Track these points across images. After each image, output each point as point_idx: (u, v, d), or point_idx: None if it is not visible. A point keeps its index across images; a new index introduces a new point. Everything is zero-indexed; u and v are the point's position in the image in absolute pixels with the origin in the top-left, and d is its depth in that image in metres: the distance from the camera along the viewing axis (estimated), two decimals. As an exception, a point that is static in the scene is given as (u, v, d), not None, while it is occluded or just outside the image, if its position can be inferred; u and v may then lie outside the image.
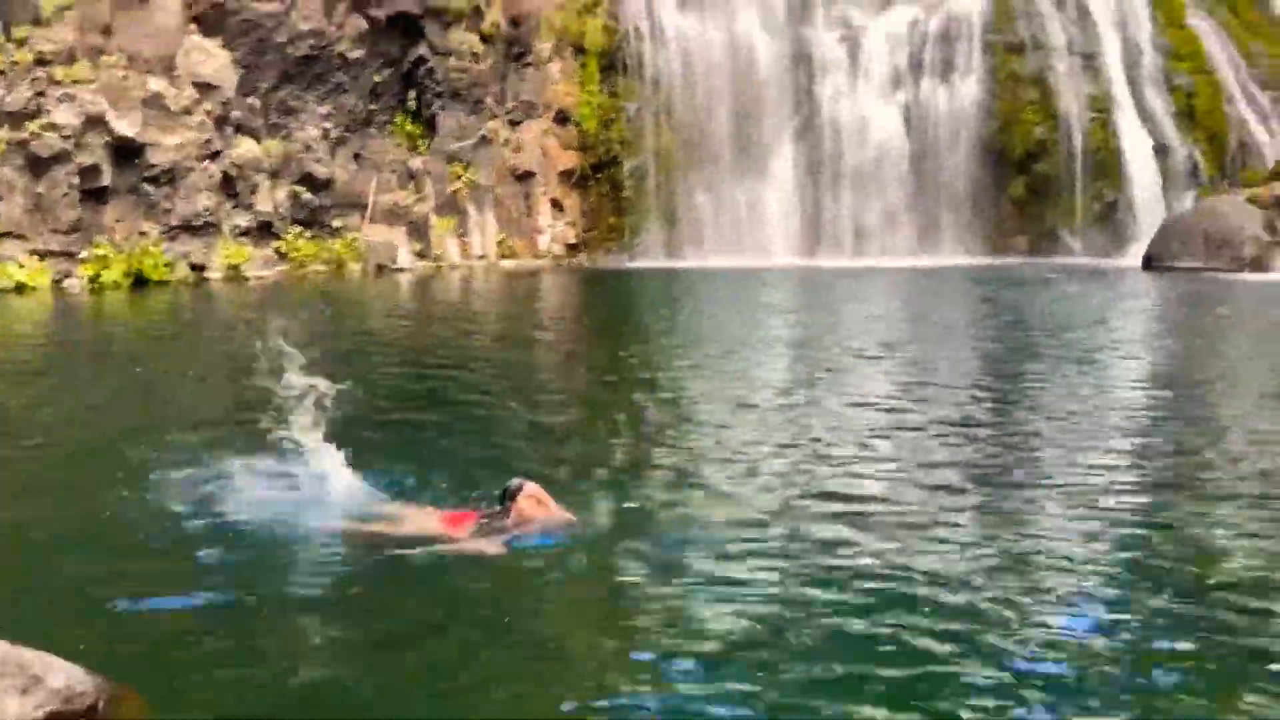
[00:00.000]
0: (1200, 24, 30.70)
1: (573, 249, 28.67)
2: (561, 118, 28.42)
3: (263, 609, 5.08)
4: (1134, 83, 29.66)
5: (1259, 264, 23.58)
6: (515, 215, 28.08)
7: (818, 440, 8.46)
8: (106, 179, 22.03)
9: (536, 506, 6.01)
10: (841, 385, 11.15)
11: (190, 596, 5.11)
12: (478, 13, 27.45)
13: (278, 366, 6.50)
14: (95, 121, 21.76)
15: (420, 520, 6.14)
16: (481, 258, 27.42)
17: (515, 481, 6.17)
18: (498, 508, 6.10)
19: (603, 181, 28.78)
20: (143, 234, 22.44)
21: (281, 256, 24.92)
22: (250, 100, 24.99)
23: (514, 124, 28.21)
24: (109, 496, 6.62)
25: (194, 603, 5.05)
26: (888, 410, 9.69)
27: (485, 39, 27.61)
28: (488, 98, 27.82)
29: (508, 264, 27.41)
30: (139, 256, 21.88)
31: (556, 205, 28.62)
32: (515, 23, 28.10)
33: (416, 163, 27.44)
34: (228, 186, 23.98)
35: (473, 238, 27.44)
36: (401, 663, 4.52)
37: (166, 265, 22.49)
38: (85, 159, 21.73)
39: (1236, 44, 30.68)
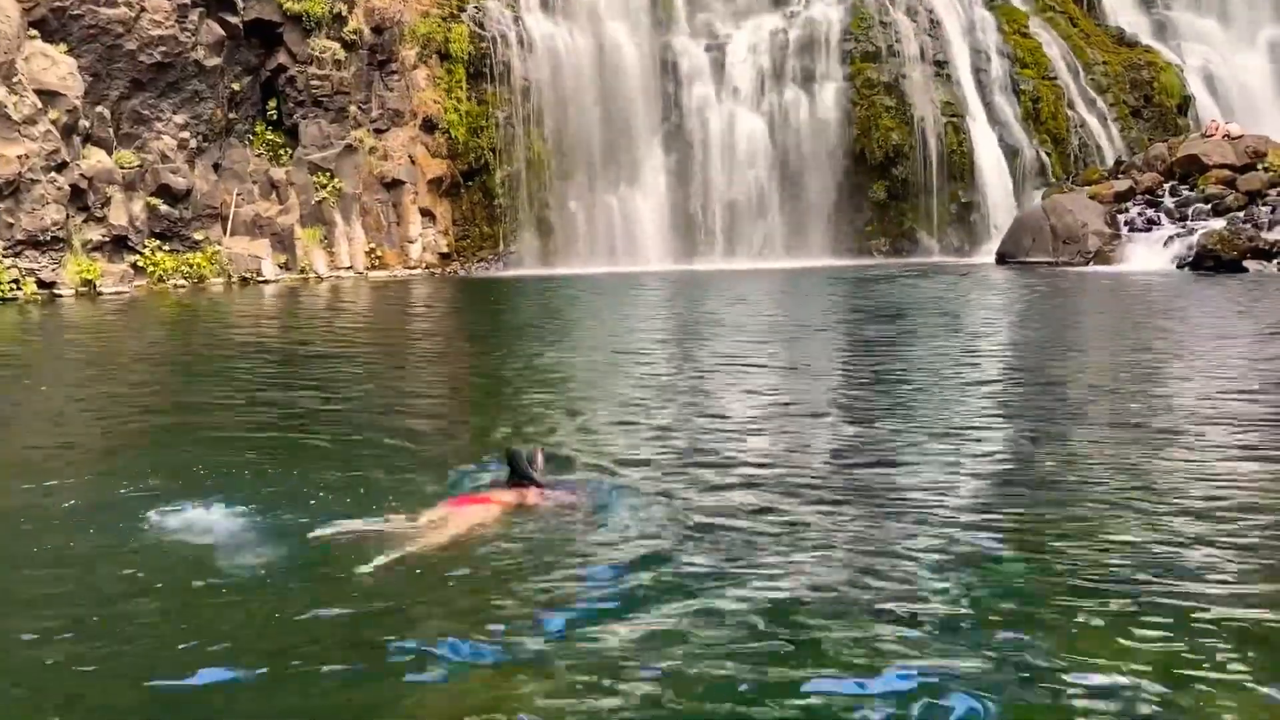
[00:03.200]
0: (1042, 33, 32.38)
1: (445, 258, 28.39)
2: (429, 125, 28.15)
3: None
4: (983, 88, 31.05)
5: (1102, 256, 24.93)
6: (384, 225, 27.65)
7: (700, 432, 8.59)
8: (-59, 192, 20.82)
9: (540, 469, 6.24)
10: (724, 376, 11.34)
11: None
12: (338, 19, 26.98)
13: None
14: (-73, 131, 20.55)
15: (458, 514, 5.86)
16: (349, 268, 26.89)
17: (526, 449, 6.33)
18: (514, 477, 6.13)
19: (474, 190, 28.60)
20: (-17, 250, 21.27)
21: (139, 271, 23.95)
22: (100, 109, 23.99)
23: (380, 132, 27.80)
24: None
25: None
26: (769, 398, 9.92)
27: (347, 46, 27.14)
28: (352, 105, 27.36)
29: (378, 275, 26.95)
30: (-21, 273, 20.75)
31: (427, 214, 28.30)
32: (378, 29, 27.72)
33: (279, 173, 26.77)
34: (78, 199, 22.92)
35: (340, 248, 26.89)
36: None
37: (12, 283, 21.39)
38: (-83, 171, 20.49)
39: (1076, 52, 32.46)
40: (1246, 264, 22.51)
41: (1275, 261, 22.48)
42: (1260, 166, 25.66)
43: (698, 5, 31.25)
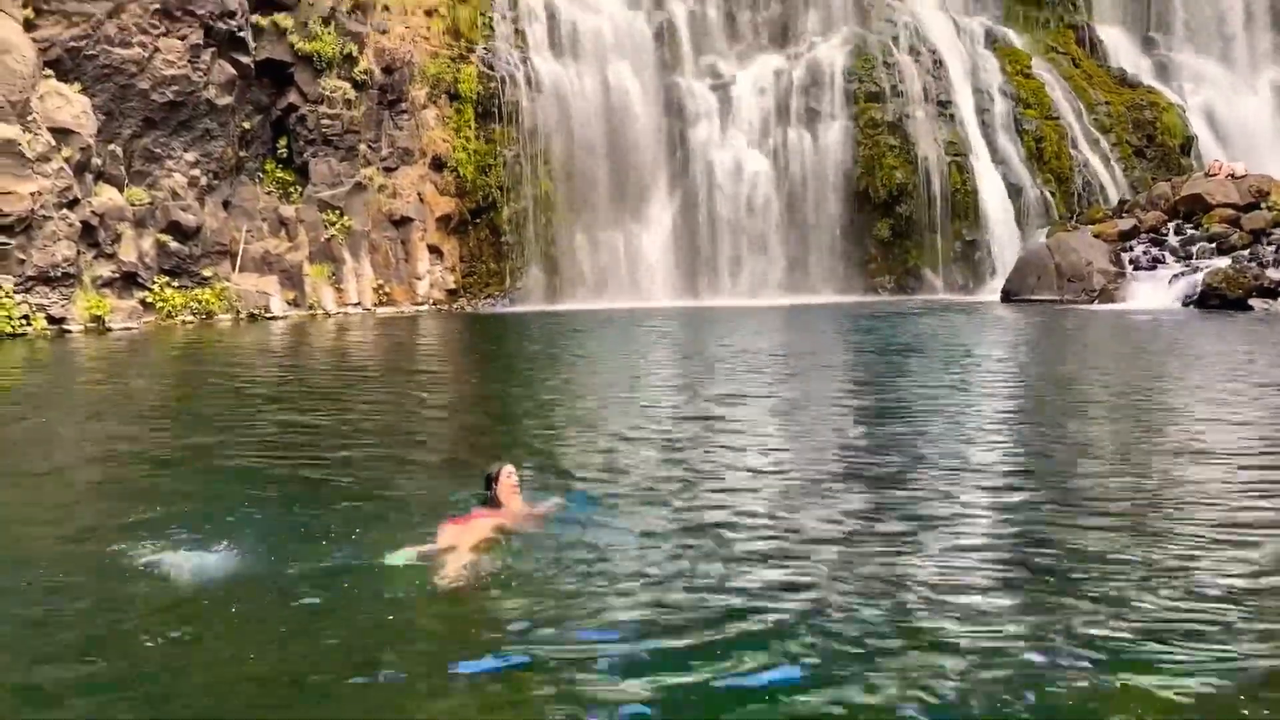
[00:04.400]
0: (1044, 74, 32.70)
1: (452, 295, 28.54)
2: (438, 164, 28.41)
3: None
4: (987, 128, 31.31)
5: (1107, 294, 24.98)
6: (392, 261, 27.83)
7: (716, 466, 8.61)
8: (-46, 228, 20.99)
9: (510, 485, 6.66)
10: (725, 409, 11.36)
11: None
12: (349, 59, 27.34)
13: None
14: (-58, 169, 20.75)
15: (464, 533, 6.23)
16: (357, 305, 27.03)
17: (493, 467, 6.75)
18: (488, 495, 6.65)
19: (481, 227, 28.82)
20: (-5, 286, 21.39)
21: (148, 307, 24.09)
22: (112, 147, 24.24)
23: (389, 170, 28.06)
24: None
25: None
26: (770, 432, 9.93)
27: (358, 85, 27.48)
28: (361, 144, 27.64)
29: (385, 311, 27.08)
30: (-10, 309, 20.84)
31: (435, 251, 28.50)
32: (388, 70, 28.07)
33: (289, 210, 27.00)
34: (89, 236, 23.10)
35: (348, 285, 27.05)
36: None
37: (21, 318, 21.50)
38: (-69, 208, 20.68)
39: (1078, 92, 32.76)
40: (1252, 302, 22.56)
41: (1280, 300, 22.54)
42: (1264, 205, 25.79)
43: (703, 46, 31.63)
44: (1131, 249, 26.36)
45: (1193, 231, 26.20)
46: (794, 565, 5.75)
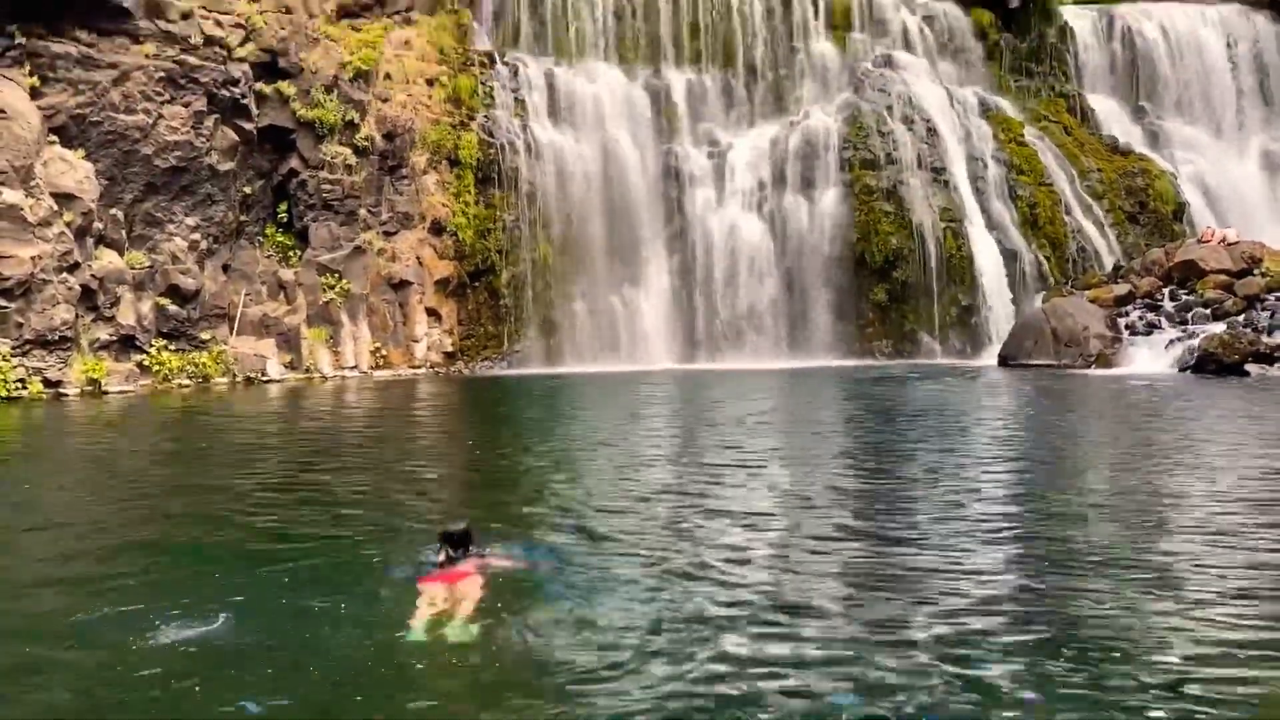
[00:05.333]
0: (1037, 141, 33.15)
1: (450, 358, 28.55)
2: (437, 228, 28.62)
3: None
4: (981, 194, 31.65)
5: (1104, 360, 25.04)
6: (390, 325, 27.88)
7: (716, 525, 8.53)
8: (-46, 292, 21.04)
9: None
10: (715, 471, 11.29)
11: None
12: (351, 126, 27.68)
13: None
14: (-56, 233, 20.86)
15: (460, 589, 6.34)
16: (354, 368, 27.03)
17: (462, 526, 6.89)
18: (462, 550, 6.77)
19: (480, 290, 28.94)
20: (-8, 349, 21.38)
21: (144, 370, 24.07)
22: (114, 212, 24.43)
23: (389, 234, 28.25)
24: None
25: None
26: (783, 494, 9.87)
27: (359, 151, 27.79)
28: (362, 209, 27.87)
29: (382, 374, 27.06)
30: (-13, 372, 20.81)
31: (433, 314, 28.57)
32: (389, 136, 28.41)
33: (288, 274, 27.12)
34: (88, 299, 23.17)
35: (345, 348, 27.08)
36: None
37: (17, 382, 21.45)
38: (-69, 271, 20.75)
39: (1071, 159, 33.18)
40: (1248, 367, 22.61)
41: (1277, 365, 22.59)
42: (1257, 271, 26.00)
43: (700, 115, 32.09)
44: (1127, 314, 26.49)
45: (1188, 297, 26.37)
46: (789, 632, 5.66)
